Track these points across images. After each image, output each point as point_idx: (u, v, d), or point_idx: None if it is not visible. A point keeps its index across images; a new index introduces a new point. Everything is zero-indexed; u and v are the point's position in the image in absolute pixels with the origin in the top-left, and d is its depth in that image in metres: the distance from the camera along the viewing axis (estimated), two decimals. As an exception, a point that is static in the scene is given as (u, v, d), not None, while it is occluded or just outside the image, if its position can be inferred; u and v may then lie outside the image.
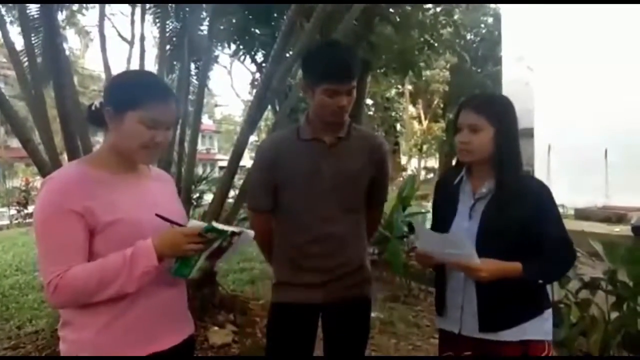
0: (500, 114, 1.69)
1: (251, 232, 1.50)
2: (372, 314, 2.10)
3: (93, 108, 1.51)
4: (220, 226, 1.41)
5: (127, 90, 1.46)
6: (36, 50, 4.54)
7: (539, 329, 1.72)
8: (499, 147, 1.67)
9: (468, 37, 25.66)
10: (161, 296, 1.46)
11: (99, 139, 1.63)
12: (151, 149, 1.46)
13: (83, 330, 1.40)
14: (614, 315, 3.26)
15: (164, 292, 1.47)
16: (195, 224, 1.43)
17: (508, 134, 1.68)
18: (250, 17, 8.33)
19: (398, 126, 30.61)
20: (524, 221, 1.64)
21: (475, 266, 1.59)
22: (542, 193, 1.69)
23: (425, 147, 31.56)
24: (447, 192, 1.86)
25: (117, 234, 1.38)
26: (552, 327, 1.77)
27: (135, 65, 6.09)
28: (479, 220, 1.71)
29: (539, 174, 12.40)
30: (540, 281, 1.67)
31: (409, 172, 29.92)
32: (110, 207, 1.38)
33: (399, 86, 26.28)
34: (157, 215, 1.41)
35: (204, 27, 5.73)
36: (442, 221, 1.83)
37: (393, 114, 29.26)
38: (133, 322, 1.41)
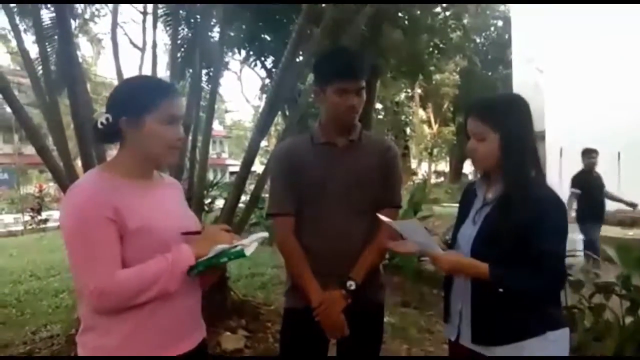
0: (504, 118, 1.62)
1: (265, 234, 1.53)
2: (384, 319, 2.09)
3: (100, 125, 1.46)
4: (247, 250, 1.43)
5: (139, 95, 1.47)
6: (50, 58, 4.60)
7: (538, 351, 1.57)
8: (504, 155, 1.62)
9: (478, 40, 25.63)
10: (181, 302, 1.48)
11: (110, 145, 1.63)
12: (177, 147, 1.51)
13: (107, 336, 1.41)
14: (629, 320, 3.22)
15: (184, 299, 1.49)
16: (220, 249, 1.44)
17: (513, 142, 1.61)
18: (260, 23, 8.39)
19: (408, 130, 30.57)
20: (520, 230, 1.54)
21: (436, 255, 1.59)
22: (546, 205, 1.57)
23: (435, 150, 31.47)
24: (466, 197, 1.85)
25: (142, 240, 1.40)
26: (563, 351, 1.62)
27: (147, 72, 6.14)
28: (478, 227, 1.68)
29: (551, 177, 12.22)
30: (501, 290, 1.53)
31: (419, 175, 29.81)
32: (134, 214, 1.40)
33: (409, 90, 26.30)
34: (183, 233, 1.46)
35: (215, 34, 5.79)
36: (456, 225, 1.82)
37: (403, 117, 29.25)
38: (156, 328, 1.43)
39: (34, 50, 4.67)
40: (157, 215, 1.46)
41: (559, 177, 12.27)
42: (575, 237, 3.95)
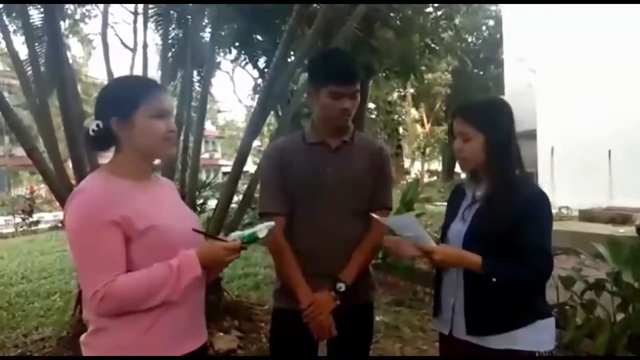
0: (489, 121, 1.70)
1: (272, 223, 1.56)
2: (377, 318, 2.11)
3: (91, 132, 1.46)
4: (259, 233, 1.49)
5: (126, 93, 1.48)
6: (40, 59, 4.57)
7: (528, 339, 1.65)
8: (489, 154, 1.69)
9: (469, 40, 25.72)
10: (190, 301, 1.49)
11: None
12: (171, 139, 1.51)
13: (119, 337, 1.40)
14: (620, 316, 3.25)
15: (192, 297, 1.50)
16: (235, 236, 1.49)
17: (497, 141, 1.68)
18: (252, 23, 8.38)
19: (400, 129, 30.63)
20: (508, 227, 1.62)
21: (430, 248, 1.62)
22: (532, 200, 1.65)
23: (427, 150, 31.58)
24: (454, 197, 1.90)
25: (151, 241, 1.40)
26: (550, 339, 1.70)
27: (138, 73, 6.12)
28: (468, 223, 1.73)
29: (543, 176, 12.36)
30: (494, 279, 1.59)
31: (412, 175, 29.88)
32: (141, 215, 1.41)
33: (401, 90, 26.33)
34: (194, 230, 1.47)
35: (206, 34, 5.77)
36: (445, 223, 1.87)
37: (395, 117, 29.28)
38: (169, 327, 1.44)
39: (23, 52, 4.64)
40: (164, 214, 1.47)
41: (550, 175, 12.38)
42: None
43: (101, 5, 7.54)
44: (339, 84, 1.82)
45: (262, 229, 1.50)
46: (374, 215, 1.78)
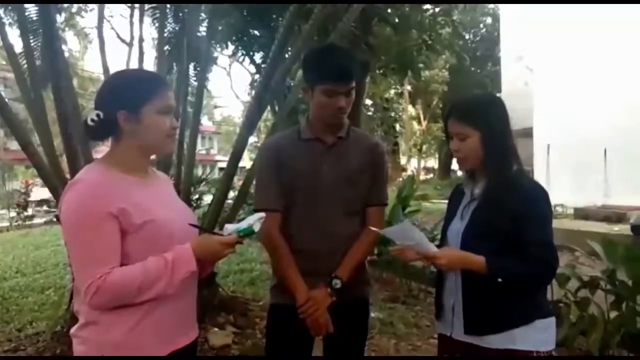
0: (484, 117, 1.69)
1: (262, 214, 1.55)
2: (372, 315, 2.11)
3: (90, 122, 1.43)
4: (255, 226, 1.48)
5: (135, 88, 1.47)
6: (35, 53, 4.53)
7: (528, 338, 1.63)
8: (486, 150, 1.68)
9: (467, 37, 25.70)
10: (182, 296, 1.48)
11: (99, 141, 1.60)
12: (173, 136, 1.52)
13: (110, 332, 1.39)
14: (614, 314, 3.26)
15: (184, 293, 1.49)
16: (231, 229, 1.49)
17: (494, 136, 1.67)
18: (249, 18, 8.35)
19: (397, 126, 30.62)
20: (508, 222, 1.60)
21: (433, 254, 1.60)
22: (531, 194, 1.65)
23: (424, 147, 31.61)
24: (454, 197, 1.89)
25: (149, 234, 1.40)
26: (550, 339, 1.69)
27: (134, 67, 6.08)
28: (466, 221, 1.72)
29: (539, 173, 12.40)
30: (500, 280, 1.56)
31: (409, 172, 29.91)
32: (140, 208, 1.40)
33: (398, 87, 26.30)
34: (190, 224, 1.49)
35: (203, 29, 5.73)
36: (445, 223, 1.87)
37: (392, 114, 29.26)
38: (158, 323, 1.43)
39: (19, 45, 4.61)
40: (161, 208, 1.47)
41: (546, 173, 12.41)
42: None
43: (97, -1, 7.48)
44: (333, 82, 1.81)
45: (256, 223, 1.49)
46: (371, 227, 1.77)
